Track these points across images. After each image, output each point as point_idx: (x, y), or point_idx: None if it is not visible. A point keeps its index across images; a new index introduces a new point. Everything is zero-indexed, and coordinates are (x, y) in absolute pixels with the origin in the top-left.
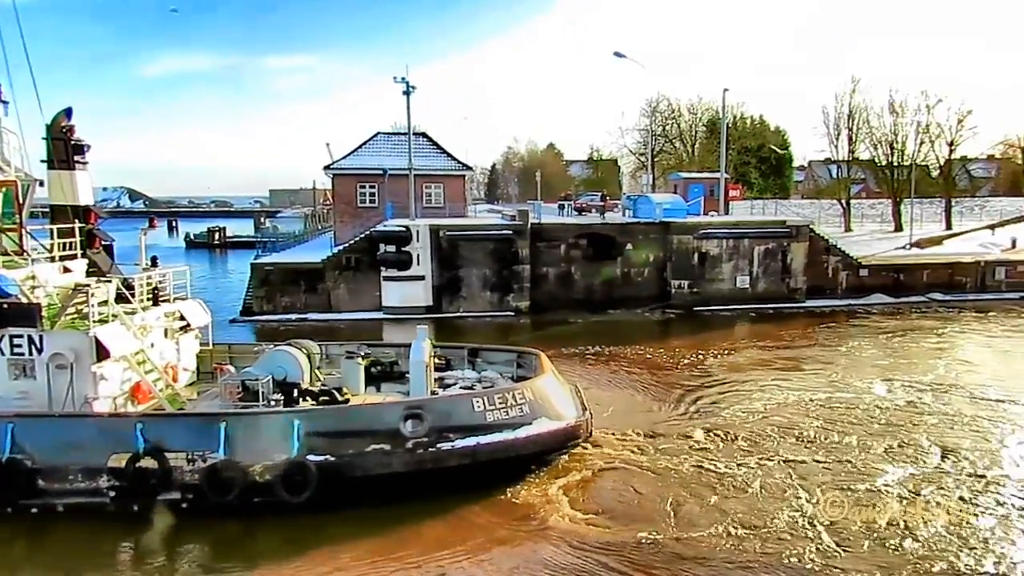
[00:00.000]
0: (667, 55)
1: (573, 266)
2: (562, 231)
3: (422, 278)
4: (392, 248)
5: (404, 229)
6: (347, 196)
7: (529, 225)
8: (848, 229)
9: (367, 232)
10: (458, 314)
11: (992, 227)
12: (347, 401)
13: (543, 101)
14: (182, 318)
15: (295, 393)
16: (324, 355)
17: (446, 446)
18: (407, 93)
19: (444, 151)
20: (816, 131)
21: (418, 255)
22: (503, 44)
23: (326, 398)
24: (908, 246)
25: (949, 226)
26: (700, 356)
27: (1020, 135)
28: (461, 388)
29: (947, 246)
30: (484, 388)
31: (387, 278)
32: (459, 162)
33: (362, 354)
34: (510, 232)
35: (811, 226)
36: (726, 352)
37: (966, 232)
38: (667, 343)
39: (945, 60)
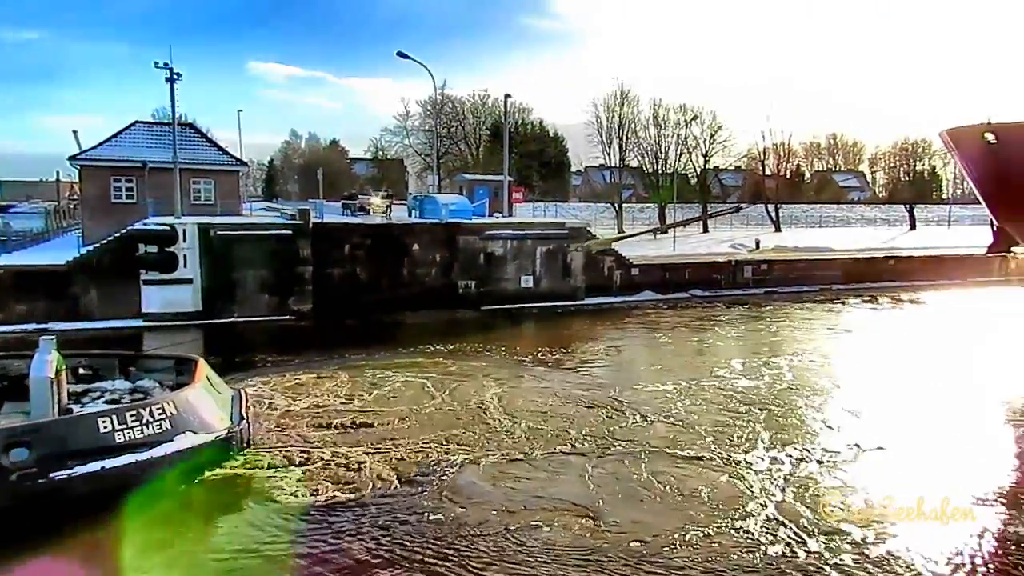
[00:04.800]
0: (450, 58)
1: (358, 267)
2: (346, 231)
3: (190, 281)
4: (154, 248)
5: (168, 228)
6: (99, 190)
7: (311, 224)
8: (621, 231)
9: (124, 231)
10: (232, 319)
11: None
12: None
13: (328, 96)
14: None
15: None
16: None
17: (62, 475)
18: (171, 80)
19: (215, 144)
20: (591, 139)
21: (185, 256)
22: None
23: None
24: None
25: (706, 230)
26: (490, 353)
27: (761, 148)
28: (106, 403)
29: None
30: (134, 400)
31: (148, 282)
32: (232, 156)
33: None
34: (290, 232)
35: (588, 228)
36: (512, 349)
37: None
38: (458, 341)
39: (701, 76)
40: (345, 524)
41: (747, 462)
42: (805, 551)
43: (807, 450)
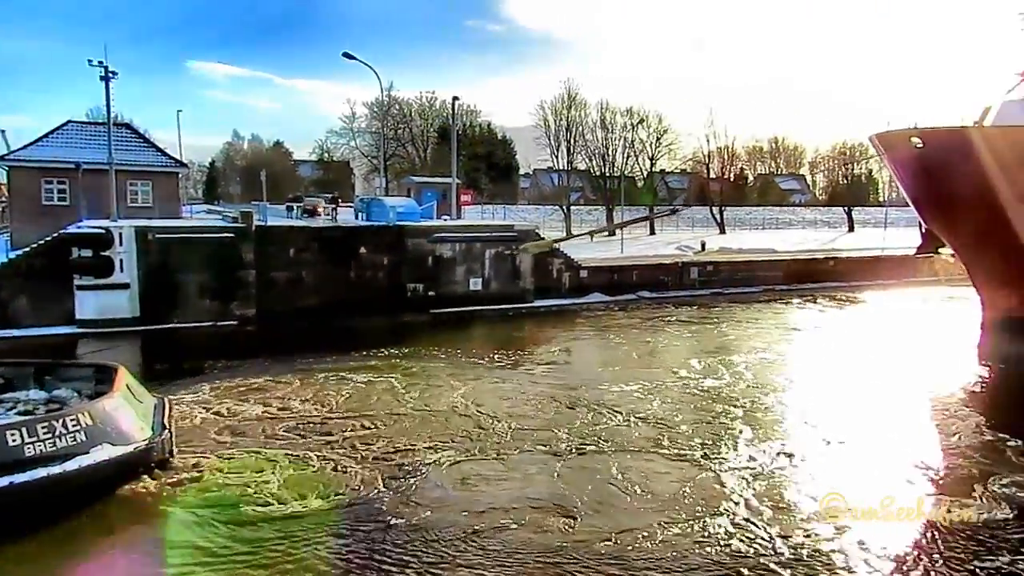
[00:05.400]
0: (396, 60)
1: (304, 271)
2: (291, 234)
3: (127, 286)
4: (88, 252)
5: (104, 231)
6: (29, 192)
7: (254, 227)
8: (569, 233)
9: (56, 234)
10: (172, 325)
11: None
12: None
13: (272, 97)
14: None
15: None
16: None
17: None
18: (106, 78)
19: (153, 145)
20: (539, 142)
21: (121, 260)
22: (224, 34)
23: None
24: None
25: (652, 232)
26: (446, 356)
27: (705, 152)
28: (18, 414)
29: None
30: (49, 411)
31: (82, 287)
32: (171, 158)
33: None
34: (232, 235)
35: (537, 230)
36: (469, 351)
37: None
38: (412, 344)
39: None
40: (295, 535)
41: (724, 460)
42: (772, 547)
43: (780, 447)
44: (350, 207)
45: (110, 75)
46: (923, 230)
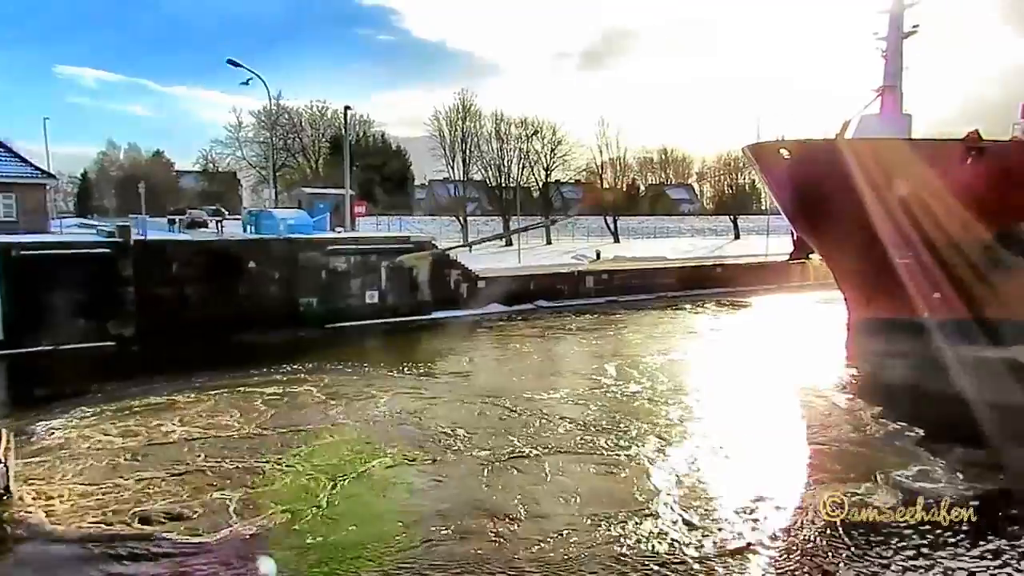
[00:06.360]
0: (284, 68)
1: (189, 287)
2: (174, 248)
3: None
4: None
5: None
6: None
7: (133, 241)
8: (465, 242)
9: None
10: (41, 348)
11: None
12: None
13: (151, 105)
14: None
15: None
16: None
17: None
18: None
19: (16, 155)
20: (434, 152)
21: None
22: (94, 37)
23: None
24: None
25: (549, 241)
26: (352, 370)
27: (599, 162)
28: None
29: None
30: None
31: None
32: (36, 168)
33: None
34: (108, 250)
35: (433, 241)
36: (376, 364)
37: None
38: (314, 359)
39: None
40: (197, 565)
41: (655, 460)
42: (695, 544)
43: (707, 446)
44: (238, 219)
45: None
46: (794, 237)
